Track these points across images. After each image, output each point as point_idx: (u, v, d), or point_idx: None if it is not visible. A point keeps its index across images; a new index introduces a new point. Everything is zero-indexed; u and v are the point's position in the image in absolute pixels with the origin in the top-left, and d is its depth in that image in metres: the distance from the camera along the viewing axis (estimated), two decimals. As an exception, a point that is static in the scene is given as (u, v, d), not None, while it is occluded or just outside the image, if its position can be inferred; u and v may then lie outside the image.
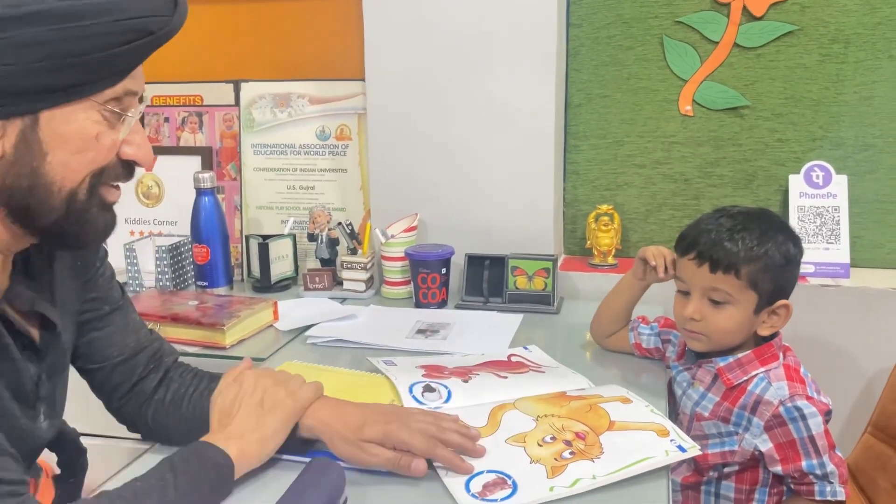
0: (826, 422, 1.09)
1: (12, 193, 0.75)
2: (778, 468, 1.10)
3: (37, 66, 0.70)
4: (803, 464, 1.08)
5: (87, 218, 0.80)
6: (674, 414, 1.23)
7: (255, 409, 0.92)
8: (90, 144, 0.77)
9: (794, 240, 1.15)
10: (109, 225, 0.84)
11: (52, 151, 0.75)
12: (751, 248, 1.11)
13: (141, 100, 0.82)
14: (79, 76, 0.74)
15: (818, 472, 1.08)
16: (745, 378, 1.13)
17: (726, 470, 1.16)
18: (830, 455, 1.09)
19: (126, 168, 0.82)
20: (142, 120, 1.91)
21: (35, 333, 0.86)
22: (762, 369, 1.12)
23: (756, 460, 1.14)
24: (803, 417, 1.07)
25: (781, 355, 1.15)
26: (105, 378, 1.01)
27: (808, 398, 1.08)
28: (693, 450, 0.95)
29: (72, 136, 0.76)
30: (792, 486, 1.12)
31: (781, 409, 1.08)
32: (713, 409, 1.15)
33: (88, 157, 0.77)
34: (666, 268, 1.24)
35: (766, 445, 1.10)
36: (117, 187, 0.83)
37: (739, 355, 1.14)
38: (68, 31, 0.70)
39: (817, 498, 1.09)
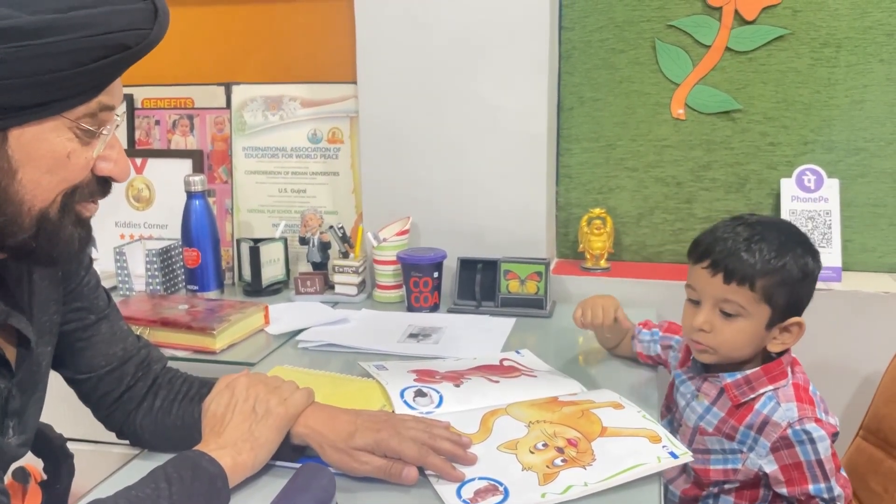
0: (833, 443, 1.07)
1: None
2: (783, 490, 1.07)
3: (5, 84, 0.68)
4: (811, 487, 1.06)
5: (59, 236, 0.77)
6: (675, 422, 1.21)
7: (247, 416, 0.92)
8: (62, 164, 0.74)
9: (813, 253, 1.10)
10: (83, 241, 0.81)
11: (22, 169, 0.72)
12: (768, 261, 1.06)
13: (118, 113, 0.79)
14: (49, 93, 0.71)
15: (825, 495, 1.06)
16: (753, 396, 1.09)
17: (727, 486, 1.13)
18: (837, 477, 1.07)
19: (102, 184, 0.80)
20: (131, 125, 1.92)
21: (9, 347, 0.84)
22: (770, 387, 1.09)
23: (758, 479, 1.11)
24: (812, 441, 1.04)
25: (790, 372, 1.11)
26: (92, 388, 1.00)
27: (818, 420, 1.05)
28: (685, 456, 0.94)
29: (42, 155, 0.73)
30: None
31: (790, 431, 1.05)
32: (717, 425, 1.12)
33: (60, 176, 0.75)
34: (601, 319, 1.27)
35: (771, 467, 1.07)
36: (94, 201, 0.80)
37: (748, 372, 1.10)
38: (39, 48, 0.67)
39: None
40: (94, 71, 0.72)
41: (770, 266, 1.06)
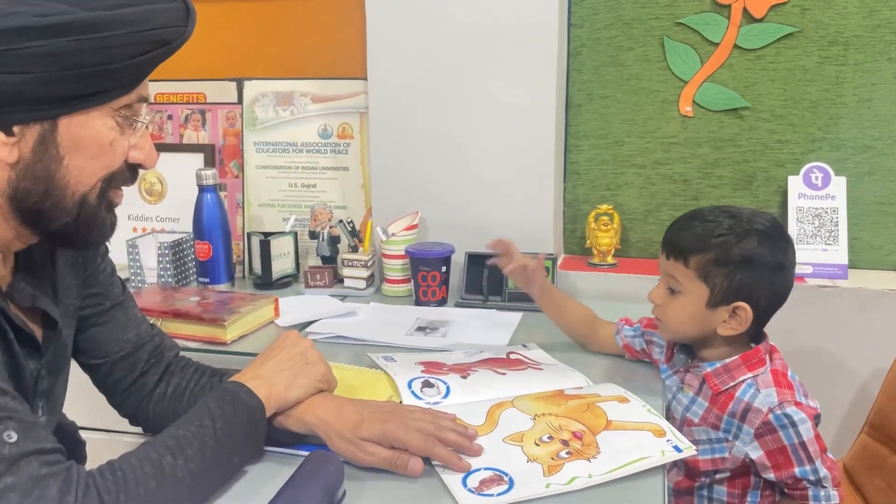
0: (815, 425, 1.08)
1: (27, 197, 0.77)
2: (770, 475, 1.09)
3: (59, 75, 0.72)
4: (796, 470, 1.07)
5: (96, 221, 0.82)
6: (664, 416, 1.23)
7: (291, 357, 0.98)
8: (105, 150, 0.79)
9: (773, 245, 1.09)
10: (113, 225, 0.86)
11: (69, 156, 0.77)
12: (703, 238, 1.10)
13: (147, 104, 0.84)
14: (98, 85, 0.76)
15: (811, 477, 1.07)
16: (733, 384, 1.11)
17: (718, 476, 1.15)
18: (823, 459, 1.08)
19: (131, 171, 0.85)
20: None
21: (36, 330, 0.87)
22: (749, 375, 1.11)
23: (747, 466, 1.13)
24: (793, 424, 1.06)
25: (768, 359, 1.13)
26: (107, 373, 1.02)
27: (797, 404, 1.07)
28: (689, 450, 0.95)
29: (88, 142, 0.78)
30: (785, 490, 1.11)
31: (771, 416, 1.07)
32: (703, 415, 1.14)
33: (102, 162, 0.80)
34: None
35: (756, 453, 1.09)
36: (121, 189, 0.85)
37: (727, 361, 1.13)
38: (92, 42, 0.72)
39: (811, 503, 1.09)
40: (138, 64, 0.77)
41: (703, 244, 1.10)
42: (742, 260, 1.09)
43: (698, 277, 1.11)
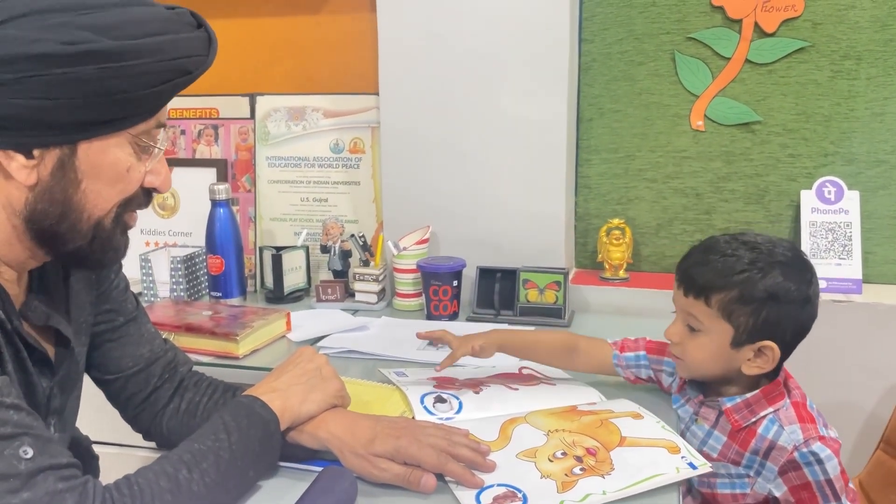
0: (838, 454, 1.05)
1: (43, 219, 0.78)
2: None
3: (81, 101, 0.73)
4: None
5: (111, 243, 0.83)
6: None
7: (306, 373, 0.99)
8: (121, 176, 0.80)
9: (797, 277, 1.04)
10: (126, 247, 0.87)
11: (86, 180, 0.78)
12: (725, 276, 1.03)
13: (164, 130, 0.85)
14: (119, 111, 0.77)
15: None
16: (754, 419, 1.06)
17: None
18: (847, 491, 1.05)
19: (146, 195, 0.85)
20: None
21: (49, 347, 0.88)
22: (770, 409, 1.06)
23: (769, 501, 1.09)
24: (819, 462, 1.02)
25: (786, 389, 1.09)
26: (120, 388, 1.03)
27: (822, 439, 1.03)
28: (704, 466, 0.95)
29: (106, 168, 0.79)
30: None
31: (797, 454, 1.03)
32: (721, 451, 1.09)
33: (118, 187, 0.81)
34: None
35: (780, 490, 1.05)
36: (136, 212, 0.86)
37: (748, 395, 1.07)
38: (117, 70, 0.73)
39: None
40: (160, 93, 0.78)
41: (727, 281, 1.03)
42: (768, 296, 1.03)
43: (721, 316, 1.04)
